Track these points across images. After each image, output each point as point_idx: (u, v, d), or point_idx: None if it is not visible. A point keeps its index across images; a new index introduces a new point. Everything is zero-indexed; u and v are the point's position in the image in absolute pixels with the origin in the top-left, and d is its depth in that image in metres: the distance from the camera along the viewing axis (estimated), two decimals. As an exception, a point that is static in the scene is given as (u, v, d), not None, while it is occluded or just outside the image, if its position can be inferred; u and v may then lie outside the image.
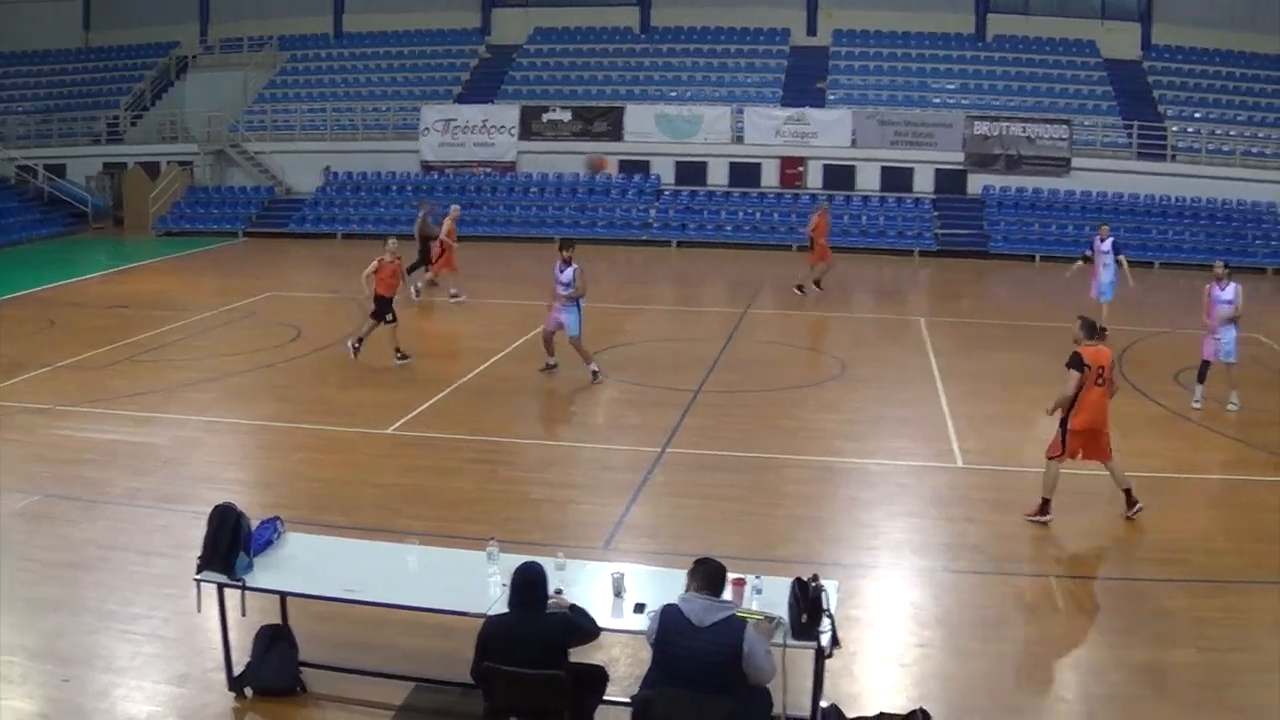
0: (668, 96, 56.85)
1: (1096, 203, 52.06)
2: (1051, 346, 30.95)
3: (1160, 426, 25.29)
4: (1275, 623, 15.93)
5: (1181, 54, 58.71)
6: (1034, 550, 18.08)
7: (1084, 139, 53.79)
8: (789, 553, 16.84)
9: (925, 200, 52.84)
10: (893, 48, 59.25)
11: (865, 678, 13.68)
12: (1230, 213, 51.56)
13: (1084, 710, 13.43)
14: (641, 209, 53.14)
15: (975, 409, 25.60)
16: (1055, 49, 58.88)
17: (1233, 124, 55.19)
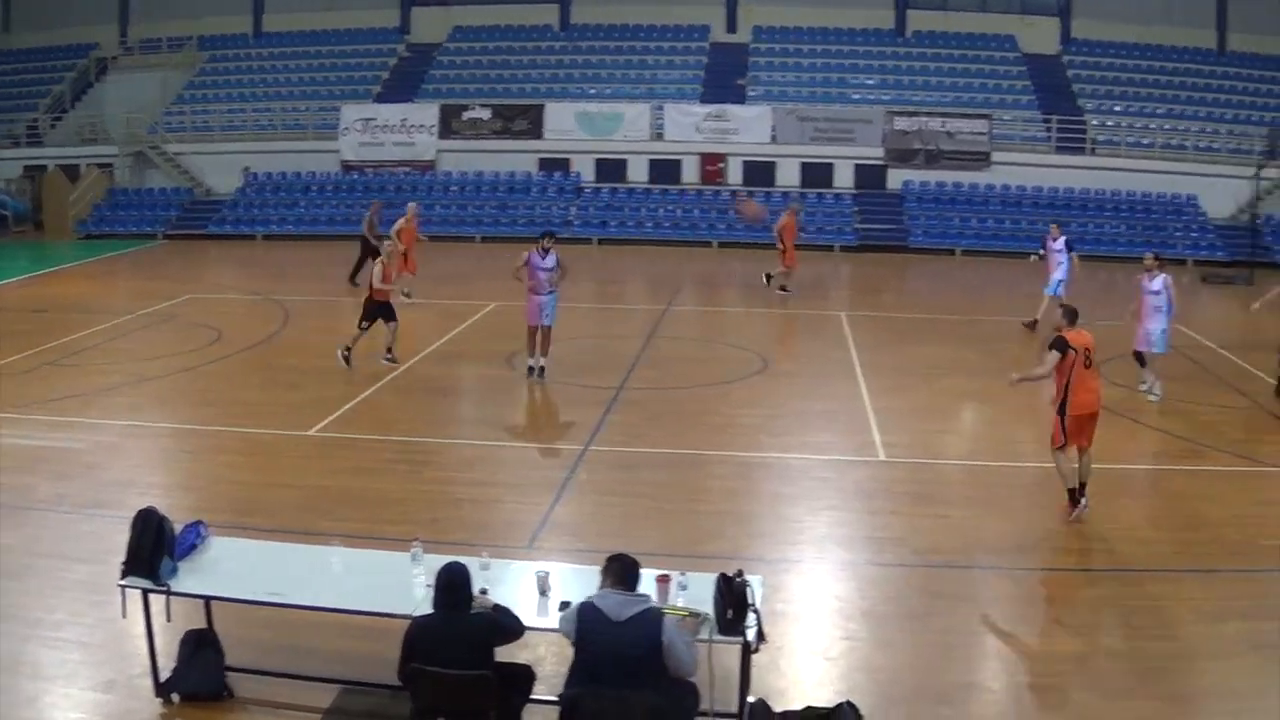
0: (588, 94, 56.81)
1: (1016, 197, 52.51)
2: (972, 339, 31.40)
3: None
4: (1200, 611, 16.11)
5: (1100, 48, 59.16)
6: (958, 542, 18.16)
7: (1003, 133, 54.17)
8: (714, 549, 16.87)
9: (845, 196, 53.00)
10: (812, 44, 59.42)
11: (792, 672, 13.73)
12: (1150, 205, 52.03)
13: (1011, 699, 13.56)
14: (562, 207, 53.05)
15: (897, 402, 25.78)
16: (975, 44, 59.28)
17: (1152, 117, 55.74)
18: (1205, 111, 56.24)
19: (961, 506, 19.89)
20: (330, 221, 51.75)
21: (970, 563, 17.43)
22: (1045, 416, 23.81)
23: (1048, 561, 17.71)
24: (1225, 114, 56.16)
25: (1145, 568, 17.50)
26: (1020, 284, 41.14)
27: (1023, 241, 48.61)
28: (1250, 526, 19.12)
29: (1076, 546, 18.22)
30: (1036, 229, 49.38)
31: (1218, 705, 13.57)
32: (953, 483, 21.27)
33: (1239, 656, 14.76)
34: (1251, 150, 52.43)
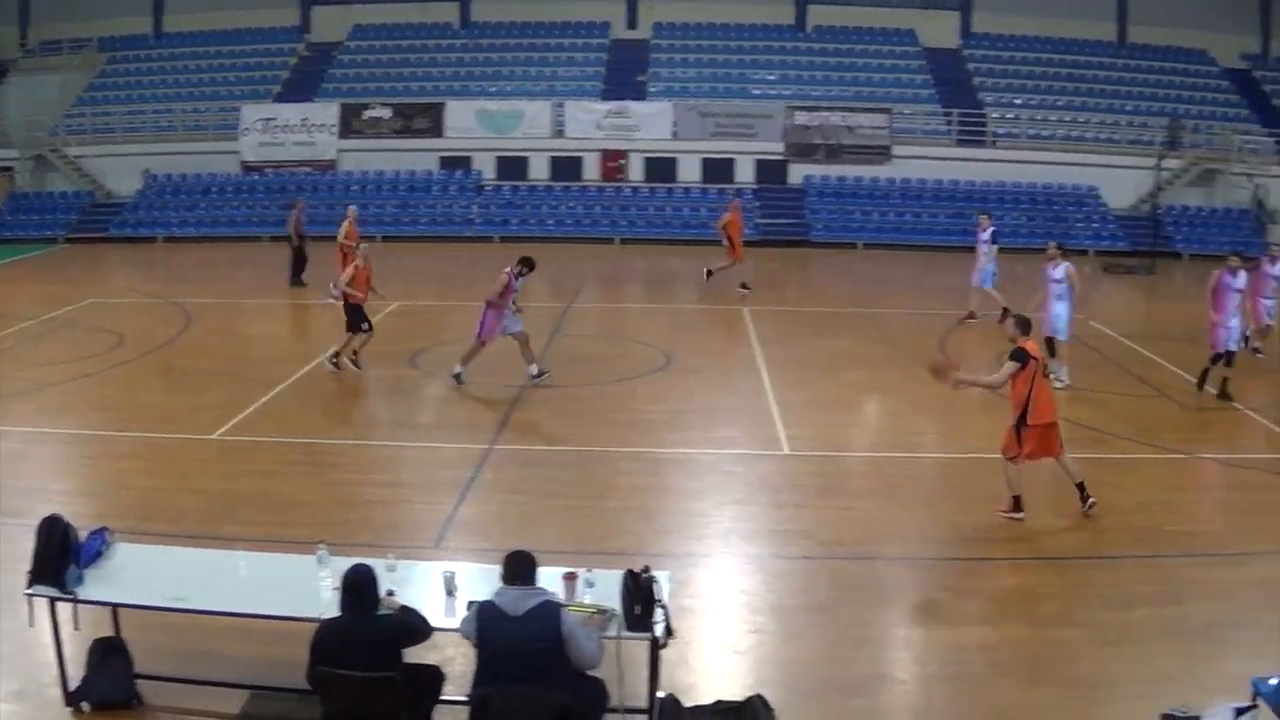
0: (488, 92, 56.60)
1: (917, 190, 52.94)
2: (874, 332, 31.60)
3: (989, 408, 25.65)
4: (1107, 597, 16.34)
5: (1001, 41, 59.78)
6: (863, 534, 18.30)
7: (904, 127, 54.48)
8: (620, 545, 16.94)
9: (746, 191, 52.94)
10: (713, 39, 59.52)
11: (701, 666, 13.78)
12: (1052, 197, 52.65)
13: (919, 689, 13.70)
14: (463, 205, 52.91)
15: (800, 396, 25.92)
16: (875, 38, 59.56)
17: (1053, 109, 56.34)
18: (1106, 103, 56.95)
19: (866, 498, 20.04)
20: (231, 223, 51.41)
21: (876, 554, 17.56)
22: (947, 408, 24.27)
23: (954, 551, 17.84)
24: (1126, 105, 56.90)
25: (1051, 555, 17.76)
26: (922, 277, 41.60)
27: (924, 234, 49.24)
28: (1155, 513, 19.48)
29: (982, 536, 18.34)
30: (938, 222, 50.04)
31: (1126, 691, 13.71)
32: (857, 475, 21.41)
33: (1146, 642, 14.99)
34: (1152, 141, 53.10)
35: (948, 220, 51.54)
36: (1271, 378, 27.65)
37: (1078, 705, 13.42)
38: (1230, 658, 14.50)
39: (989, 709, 13.26)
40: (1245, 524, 19.82)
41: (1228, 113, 57.38)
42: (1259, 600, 16.56)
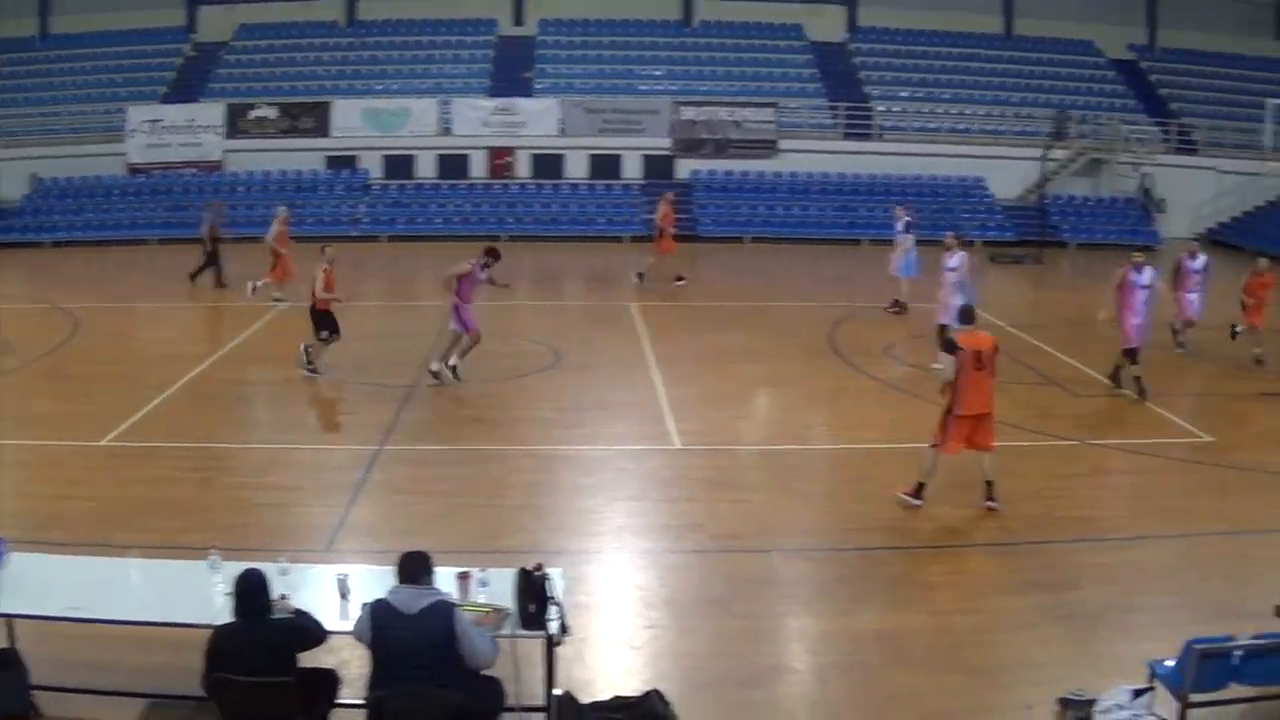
0: (374, 90, 56.22)
1: (804, 184, 53.11)
2: (764, 326, 31.76)
3: (874, 398, 26.04)
4: (1001, 584, 16.60)
5: (887, 35, 60.12)
6: (756, 526, 18.42)
7: (791, 121, 54.66)
8: (513, 543, 16.89)
9: (634, 187, 53.20)
10: (600, 35, 59.42)
11: (598, 663, 13.83)
12: (938, 188, 53.03)
13: (816, 679, 13.84)
14: (350, 205, 52.61)
15: (691, 390, 26.03)
16: (761, 33, 59.63)
17: (939, 102, 56.80)
18: (992, 95, 57.62)
19: (758, 491, 20.16)
20: (118, 226, 50.79)
21: (769, 546, 17.69)
22: (837, 400, 24.57)
23: (847, 541, 17.96)
24: (1012, 97, 57.57)
25: (945, 544, 18.02)
26: (811, 269, 41.82)
27: (811, 228, 49.50)
28: (1047, 499, 19.83)
29: (876, 525, 18.52)
30: (825, 215, 50.31)
31: (1023, 676, 13.91)
32: (749, 468, 21.54)
33: (1042, 627, 15.21)
34: (1038, 132, 53.65)
35: (835, 213, 51.88)
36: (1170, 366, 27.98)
37: (976, 692, 13.57)
38: (1126, 641, 14.77)
39: (886, 698, 13.37)
40: (1137, 508, 20.20)
41: (1114, 103, 58.20)
42: (1152, 583, 16.92)
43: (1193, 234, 53.01)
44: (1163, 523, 19.53)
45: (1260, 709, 12.79)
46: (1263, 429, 25.48)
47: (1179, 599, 16.37)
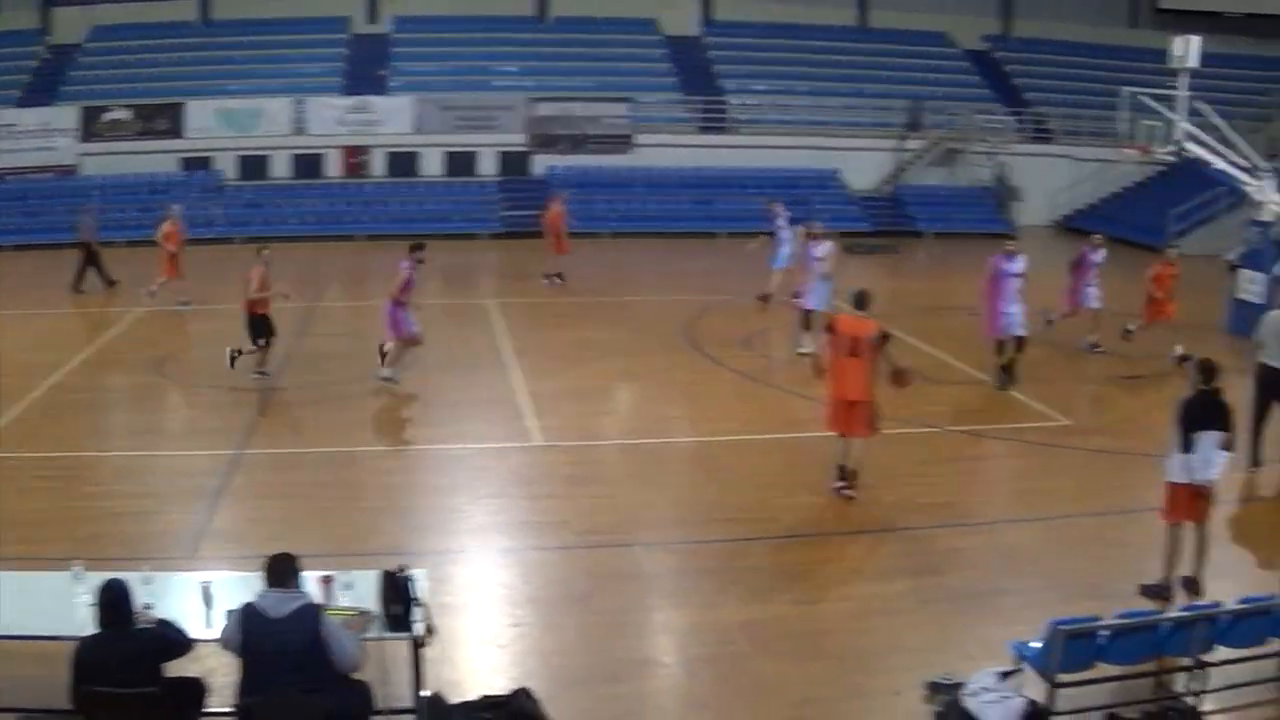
0: (229, 90, 55.61)
1: (660, 178, 53.20)
2: (622, 321, 31.79)
3: (733, 390, 26.19)
4: (862, 570, 16.88)
5: (741, 28, 60.24)
6: (618, 520, 18.46)
7: (646, 116, 54.67)
8: (376, 545, 16.80)
9: (490, 184, 53.02)
10: (454, 32, 58.95)
11: (465, 663, 13.75)
12: (794, 180, 53.15)
13: (683, 672, 13.88)
14: (204, 207, 51.99)
15: (550, 386, 26.04)
16: (616, 28, 59.63)
17: (794, 94, 57.10)
18: (847, 87, 58.06)
19: (620, 485, 20.25)
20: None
21: (633, 540, 17.68)
22: (695, 392, 24.76)
23: (711, 533, 17.99)
24: (867, 89, 58.04)
25: (810, 532, 18.15)
26: (667, 263, 41.91)
27: (668, 222, 49.60)
28: (909, 486, 20.07)
29: (740, 517, 18.59)
30: (681, 209, 50.44)
31: (890, 661, 14.08)
32: (610, 462, 21.56)
33: (907, 613, 15.40)
34: (893, 123, 54.24)
35: (691, 207, 52.11)
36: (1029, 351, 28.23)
37: (844, 678, 13.69)
38: (992, 624, 14.95)
39: (754, 688, 13.40)
40: (998, 492, 20.59)
41: (969, 93, 58.97)
42: (1016, 566, 17.17)
43: (1049, 221, 54.24)
44: (1024, 506, 19.83)
45: (1127, 687, 12.98)
46: (1120, 412, 25.89)
47: (1043, 581, 16.58)
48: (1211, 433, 15.53)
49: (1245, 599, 13.44)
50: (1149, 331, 28.99)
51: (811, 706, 13.12)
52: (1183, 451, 15.55)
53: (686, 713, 13.23)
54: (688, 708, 13.29)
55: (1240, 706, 13.38)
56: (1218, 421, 15.64)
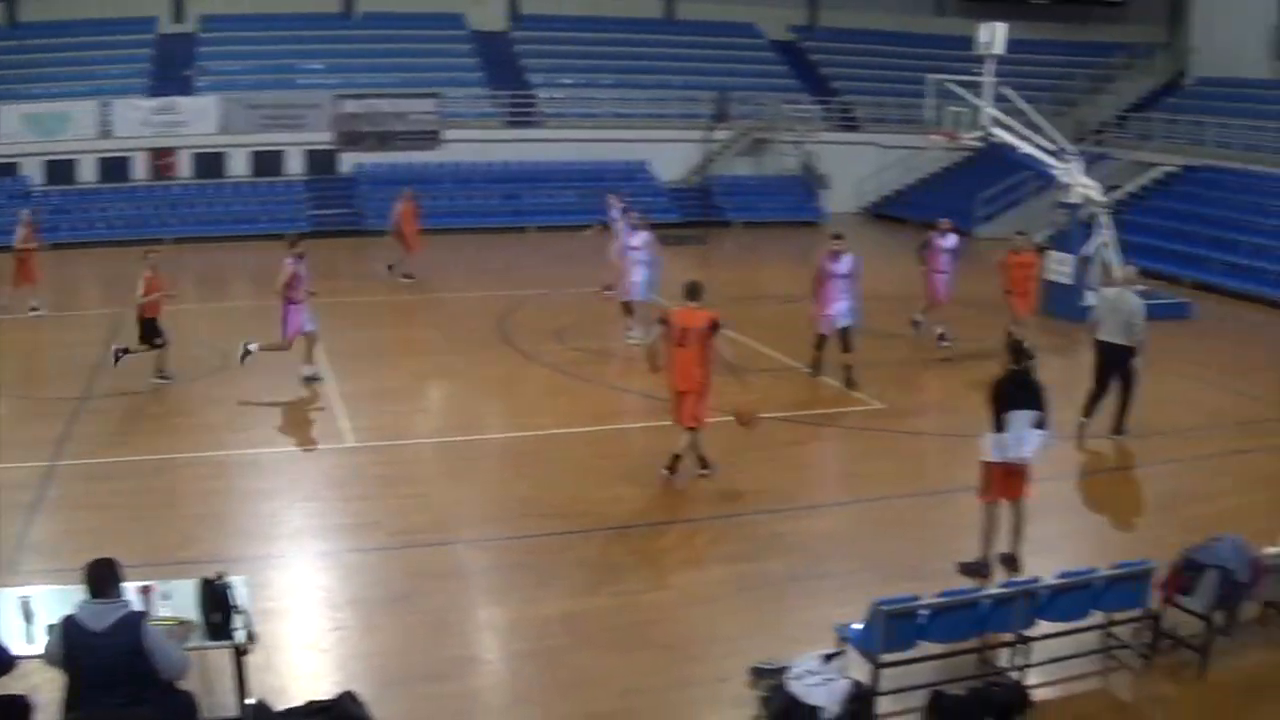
0: (34, 94, 54.59)
1: (468, 173, 53.05)
2: (432, 318, 31.77)
3: (545, 384, 26.24)
4: (682, 559, 17.01)
5: (548, 22, 60.31)
6: (435, 519, 18.44)
7: (453, 111, 54.40)
8: (194, 553, 16.50)
9: (297, 183, 52.46)
10: (260, 30, 58.20)
11: (288, 669, 13.62)
12: (603, 173, 53.09)
13: (507, 668, 13.92)
14: (10, 214, 50.96)
15: (361, 387, 25.93)
16: (422, 23, 59.19)
17: (601, 87, 57.29)
18: (654, 79, 58.43)
19: (435, 484, 20.24)
20: None
21: (450, 538, 17.70)
22: (507, 389, 24.89)
23: (528, 528, 18.01)
24: (674, 81, 58.44)
25: (627, 524, 18.18)
26: (476, 260, 41.78)
27: (476, 218, 49.52)
28: (725, 474, 20.13)
29: (557, 511, 18.64)
30: (490, 205, 50.39)
31: (714, 649, 14.18)
32: (424, 461, 21.49)
33: (727, 599, 15.53)
34: (701, 115, 54.58)
35: (500, 202, 52.07)
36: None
37: (668, 668, 13.76)
38: (814, 607, 15.17)
39: (578, 681, 13.46)
40: (814, 477, 20.86)
41: (776, 83, 59.58)
42: (835, 549, 17.54)
43: (857, 209, 54.90)
44: (842, 490, 20.14)
45: (951, 665, 13.19)
46: (932, 394, 26.27)
47: (863, 563, 16.88)
48: (1024, 412, 15.82)
49: (1064, 573, 13.72)
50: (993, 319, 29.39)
51: (636, 697, 13.18)
52: (996, 431, 15.83)
53: (511, 708, 13.20)
54: (512, 703, 13.27)
55: (1064, 679, 13.73)
56: (1030, 401, 15.93)
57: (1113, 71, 63.16)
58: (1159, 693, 13.76)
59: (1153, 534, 18.26)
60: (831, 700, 12.01)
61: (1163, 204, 48.93)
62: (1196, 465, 22.15)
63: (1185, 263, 42.51)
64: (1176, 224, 45.69)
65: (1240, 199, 45.87)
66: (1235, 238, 42.99)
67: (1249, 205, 44.96)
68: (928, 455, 22.26)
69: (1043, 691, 13.32)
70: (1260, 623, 15.13)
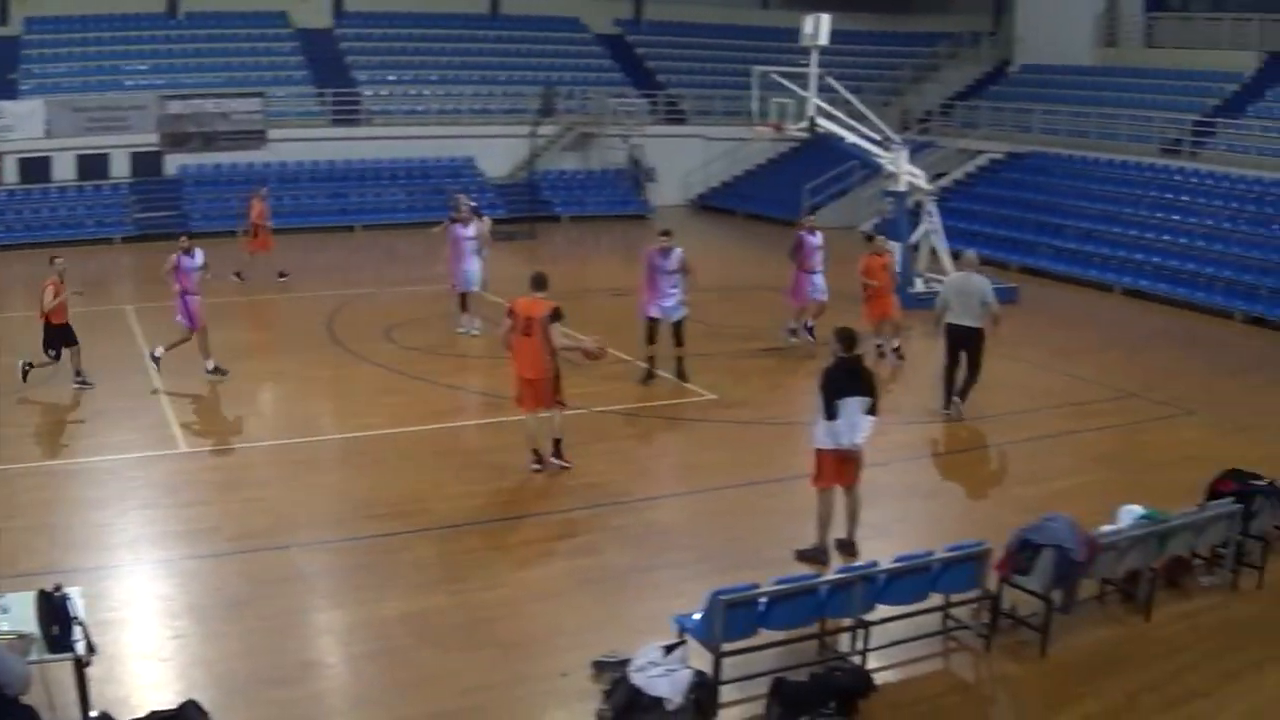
0: None
1: (294, 173, 52.63)
2: (261, 319, 31.60)
3: (377, 384, 26.11)
4: (519, 556, 17.03)
5: (373, 19, 59.91)
6: (272, 523, 18.25)
7: (279, 110, 53.98)
8: (30, 565, 16.15)
9: (123, 186, 51.55)
10: (86, 32, 57.34)
11: (130, 679, 13.44)
12: (429, 170, 53.38)
13: (349, 670, 13.84)
14: None
15: (193, 391, 25.62)
16: (247, 23, 58.48)
17: (426, 84, 57.10)
18: (480, 75, 58.33)
19: (272, 487, 19.98)
20: None
21: (287, 542, 17.51)
22: (337, 388, 24.80)
23: (366, 529, 17.93)
24: (500, 76, 58.39)
25: (462, 522, 18.14)
26: (305, 259, 41.46)
27: (303, 217, 49.14)
28: (559, 469, 20.27)
29: (392, 511, 18.59)
30: (317, 204, 50.06)
31: (555, 644, 14.27)
32: (260, 464, 21.27)
33: (568, 594, 15.64)
34: (527, 110, 54.52)
35: (327, 201, 51.69)
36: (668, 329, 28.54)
37: (509, 664, 13.79)
38: (653, 599, 15.29)
39: (421, 680, 13.44)
40: (649, 470, 20.93)
41: (602, 77, 59.87)
42: (672, 541, 17.61)
43: (684, 201, 55.18)
44: (678, 481, 20.23)
45: (792, 651, 13.33)
46: (761, 384, 26.44)
47: (701, 553, 17.00)
48: (855, 398, 15.99)
49: (901, 557, 13.88)
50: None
51: (479, 694, 13.17)
52: (828, 418, 15.99)
53: (355, 711, 13.13)
54: (356, 706, 13.20)
55: (905, 662, 13.97)
56: (861, 388, 16.10)
57: (938, 60, 64.20)
58: (1000, 672, 14.05)
59: (987, 516, 18.61)
60: (675, 691, 12.09)
61: (989, 191, 49.91)
62: (1028, 447, 22.64)
63: (1013, 248, 43.40)
64: (1004, 210, 46.68)
65: (1066, 184, 46.98)
66: (1062, 222, 43.98)
67: (1075, 190, 46.03)
68: (762, 444, 22.43)
69: (885, 675, 13.53)
70: (1099, 600, 15.47)
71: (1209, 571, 16.54)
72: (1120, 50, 56.48)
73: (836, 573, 14.00)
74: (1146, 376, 27.98)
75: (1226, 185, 42.68)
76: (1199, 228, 40.68)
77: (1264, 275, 36.73)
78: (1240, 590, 16.32)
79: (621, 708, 12.24)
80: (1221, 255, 38.67)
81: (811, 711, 12.32)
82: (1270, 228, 38.90)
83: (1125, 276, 39.74)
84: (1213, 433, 23.84)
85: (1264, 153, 43.47)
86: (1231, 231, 39.65)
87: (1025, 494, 19.66)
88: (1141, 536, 15.20)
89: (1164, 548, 15.55)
